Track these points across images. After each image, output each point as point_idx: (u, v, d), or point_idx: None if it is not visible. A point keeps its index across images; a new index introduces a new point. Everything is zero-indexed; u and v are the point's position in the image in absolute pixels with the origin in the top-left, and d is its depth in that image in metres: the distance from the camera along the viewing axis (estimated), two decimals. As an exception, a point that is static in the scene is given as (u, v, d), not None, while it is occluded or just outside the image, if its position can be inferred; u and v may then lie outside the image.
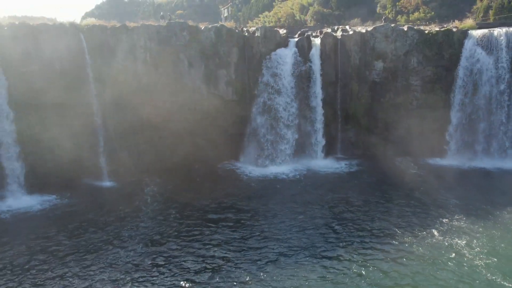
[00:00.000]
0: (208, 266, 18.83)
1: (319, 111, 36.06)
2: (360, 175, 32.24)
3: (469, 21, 40.22)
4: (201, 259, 19.47)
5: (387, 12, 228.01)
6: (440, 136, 35.43)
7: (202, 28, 34.26)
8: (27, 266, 19.01)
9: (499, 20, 54.68)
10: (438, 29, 36.40)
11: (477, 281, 17.10)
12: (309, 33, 39.19)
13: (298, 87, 35.56)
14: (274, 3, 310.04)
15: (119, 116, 31.86)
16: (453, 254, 19.21)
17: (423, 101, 36.12)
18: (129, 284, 17.45)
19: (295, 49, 35.47)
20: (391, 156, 35.01)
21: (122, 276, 18.02)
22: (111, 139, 31.65)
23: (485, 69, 34.39)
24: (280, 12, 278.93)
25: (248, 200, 27.32)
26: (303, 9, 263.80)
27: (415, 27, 37.04)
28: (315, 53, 35.87)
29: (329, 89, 36.48)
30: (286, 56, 35.32)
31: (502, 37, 33.86)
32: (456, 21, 39.72)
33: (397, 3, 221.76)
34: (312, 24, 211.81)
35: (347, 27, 39.47)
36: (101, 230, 22.51)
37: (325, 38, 36.26)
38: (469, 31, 35.60)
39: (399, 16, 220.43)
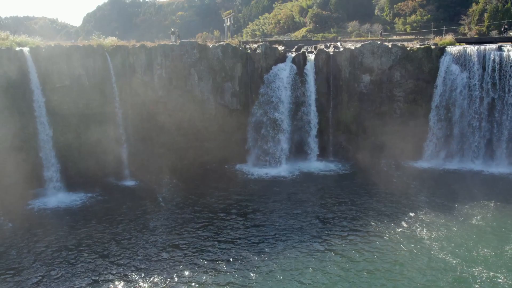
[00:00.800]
0: (219, 248, 23.60)
1: (313, 118, 40.79)
2: (348, 176, 36.95)
3: (448, 38, 45.07)
4: (213, 243, 24.28)
5: (385, 14, 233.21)
6: (420, 141, 40.12)
7: (210, 46, 38.87)
8: (76, 250, 23.72)
9: (487, 29, 59.80)
10: (419, 46, 41.01)
11: (433, 261, 21.83)
12: (305, 48, 44.02)
13: (294, 97, 40.28)
14: (274, 5, 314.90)
15: (138, 124, 36.65)
16: (415, 240, 24.00)
17: (405, 110, 40.81)
18: (160, 263, 22.24)
19: (291, 64, 40.15)
20: (377, 158, 39.70)
21: (154, 257, 22.80)
22: (132, 143, 36.38)
23: (459, 82, 39.03)
24: (280, 14, 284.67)
25: (250, 197, 32.07)
26: (303, 11, 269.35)
27: (399, 44, 41.60)
28: (309, 68, 40.60)
29: (322, 99, 41.20)
30: (284, 70, 40.01)
31: (474, 55, 38.50)
32: (437, 38, 44.51)
33: (394, 6, 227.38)
34: (311, 26, 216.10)
35: (338, 43, 43.97)
36: (132, 222, 27.28)
37: (318, 54, 40.98)
38: (446, 48, 40.22)
39: (396, 18, 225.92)
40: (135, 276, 21.05)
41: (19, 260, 22.76)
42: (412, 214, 27.32)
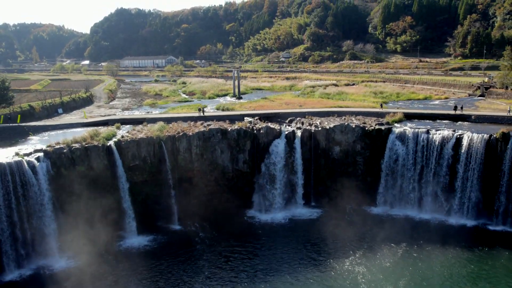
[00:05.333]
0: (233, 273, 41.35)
1: (300, 176, 58.48)
2: (323, 220, 54.47)
3: (398, 115, 62.84)
4: (229, 270, 42.09)
5: (377, 33, 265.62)
6: (374, 192, 57.87)
7: (229, 129, 56.54)
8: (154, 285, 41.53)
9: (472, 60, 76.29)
10: (374, 127, 58.52)
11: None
12: (295, 121, 61.73)
13: (287, 162, 57.95)
14: (274, 20, 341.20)
15: (181, 185, 54.42)
16: (356, 270, 41.77)
17: (365, 171, 58.55)
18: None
19: (285, 139, 57.84)
20: (344, 204, 57.22)
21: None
22: (177, 198, 54.09)
23: (400, 152, 56.72)
24: (279, 30, 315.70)
25: (255, 238, 49.87)
26: (301, 29, 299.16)
27: (361, 125, 59.09)
28: (297, 141, 58.28)
29: (306, 163, 58.86)
30: (280, 143, 57.71)
31: (410, 135, 56.16)
32: (387, 116, 62.11)
33: (386, 26, 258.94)
34: (308, 44, 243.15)
35: (318, 122, 61.37)
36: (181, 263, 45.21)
37: (303, 131, 58.72)
38: (392, 129, 57.83)
39: (388, 38, 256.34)
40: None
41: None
42: (358, 254, 45.14)
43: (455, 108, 65.67)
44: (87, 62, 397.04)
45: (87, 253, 43.76)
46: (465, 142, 52.59)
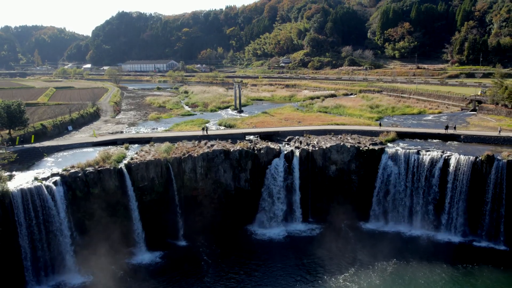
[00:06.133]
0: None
1: (298, 193, 62.06)
2: (320, 236, 58.09)
3: (392, 134, 66.51)
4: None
5: (376, 38, 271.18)
6: (368, 209, 61.50)
7: (231, 150, 60.16)
8: None
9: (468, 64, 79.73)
10: (367, 147, 62.16)
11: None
12: (294, 140, 65.35)
13: (286, 180, 61.56)
14: (274, 25, 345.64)
15: (187, 203, 58.05)
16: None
17: (359, 188, 62.17)
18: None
19: (284, 159, 61.45)
20: (339, 220, 60.82)
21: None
22: (183, 214, 57.70)
23: (393, 172, 60.32)
24: (279, 35, 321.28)
25: (255, 254, 53.49)
26: (300, 34, 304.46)
27: (355, 145, 62.70)
28: (296, 160, 61.89)
29: (304, 181, 62.48)
30: (279, 163, 61.33)
31: (402, 156, 59.77)
32: (381, 136, 65.74)
33: (385, 31, 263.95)
34: (308, 50, 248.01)
35: (315, 142, 64.99)
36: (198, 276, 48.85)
37: (301, 151, 62.33)
38: (385, 149, 61.43)
39: (386, 43, 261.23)
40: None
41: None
42: (351, 271, 48.82)
43: (447, 128, 69.27)
44: (89, 65, 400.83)
45: (101, 269, 47.53)
46: (452, 163, 56.19)
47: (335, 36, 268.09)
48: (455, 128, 70.06)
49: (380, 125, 75.12)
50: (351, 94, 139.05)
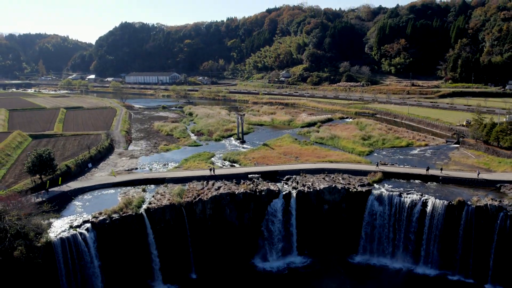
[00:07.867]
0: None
1: (295, 230, 70.37)
2: (313, 269, 66.29)
3: (378, 175, 74.80)
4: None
5: (373, 53, 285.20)
6: (357, 243, 69.79)
7: (236, 193, 68.49)
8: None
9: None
10: (356, 189, 70.41)
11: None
12: (292, 179, 73.71)
13: (284, 218, 69.85)
14: (274, 38, 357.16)
15: (197, 239, 66.35)
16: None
17: (348, 224, 70.47)
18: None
19: (282, 199, 69.80)
20: (331, 253, 69.07)
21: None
22: (194, 251, 65.93)
23: (378, 211, 68.61)
24: (279, 48, 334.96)
25: (257, 286, 61.75)
26: (300, 48, 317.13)
27: (346, 186, 71.01)
28: (293, 200, 70.19)
29: (300, 218, 70.74)
30: (278, 203, 69.68)
31: (386, 197, 68.08)
32: (369, 176, 74.07)
33: (381, 47, 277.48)
34: (307, 65, 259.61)
35: (310, 183, 73.30)
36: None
37: (298, 192, 70.67)
38: (372, 190, 69.69)
39: (383, 59, 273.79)
40: None
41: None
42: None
43: (427, 169, 77.58)
44: (92, 76, 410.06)
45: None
46: (429, 206, 64.48)
47: (333, 52, 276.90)
48: (441, 170, 77.74)
49: (377, 165, 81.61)
50: (347, 118, 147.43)
